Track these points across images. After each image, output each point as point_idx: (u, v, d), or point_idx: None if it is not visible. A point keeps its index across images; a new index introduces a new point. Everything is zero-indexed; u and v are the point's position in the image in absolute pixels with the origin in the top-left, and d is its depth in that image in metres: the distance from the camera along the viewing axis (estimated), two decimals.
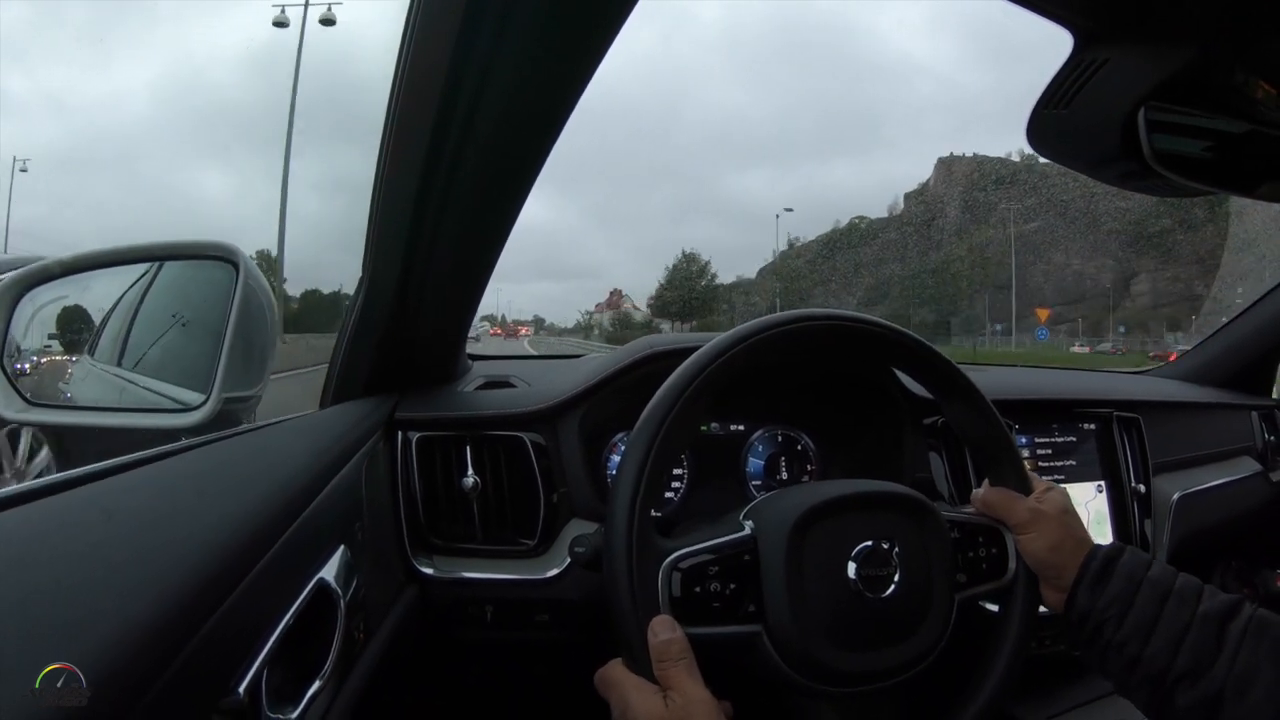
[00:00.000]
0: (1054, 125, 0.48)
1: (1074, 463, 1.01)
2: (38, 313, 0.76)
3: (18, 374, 0.73)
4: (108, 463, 0.50)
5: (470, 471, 0.78)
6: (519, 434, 0.80)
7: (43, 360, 0.86)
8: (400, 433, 0.79)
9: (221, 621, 0.37)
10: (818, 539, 0.54)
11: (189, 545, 0.39)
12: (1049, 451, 1.00)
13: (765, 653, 0.53)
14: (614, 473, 0.76)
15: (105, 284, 0.88)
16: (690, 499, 0.92)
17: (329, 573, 0.54)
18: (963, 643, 0.57)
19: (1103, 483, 1.01)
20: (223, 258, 0.71)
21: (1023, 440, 0.98)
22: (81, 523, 0.42)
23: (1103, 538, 0.58)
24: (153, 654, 0.32)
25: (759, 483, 0.95)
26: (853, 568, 0.54)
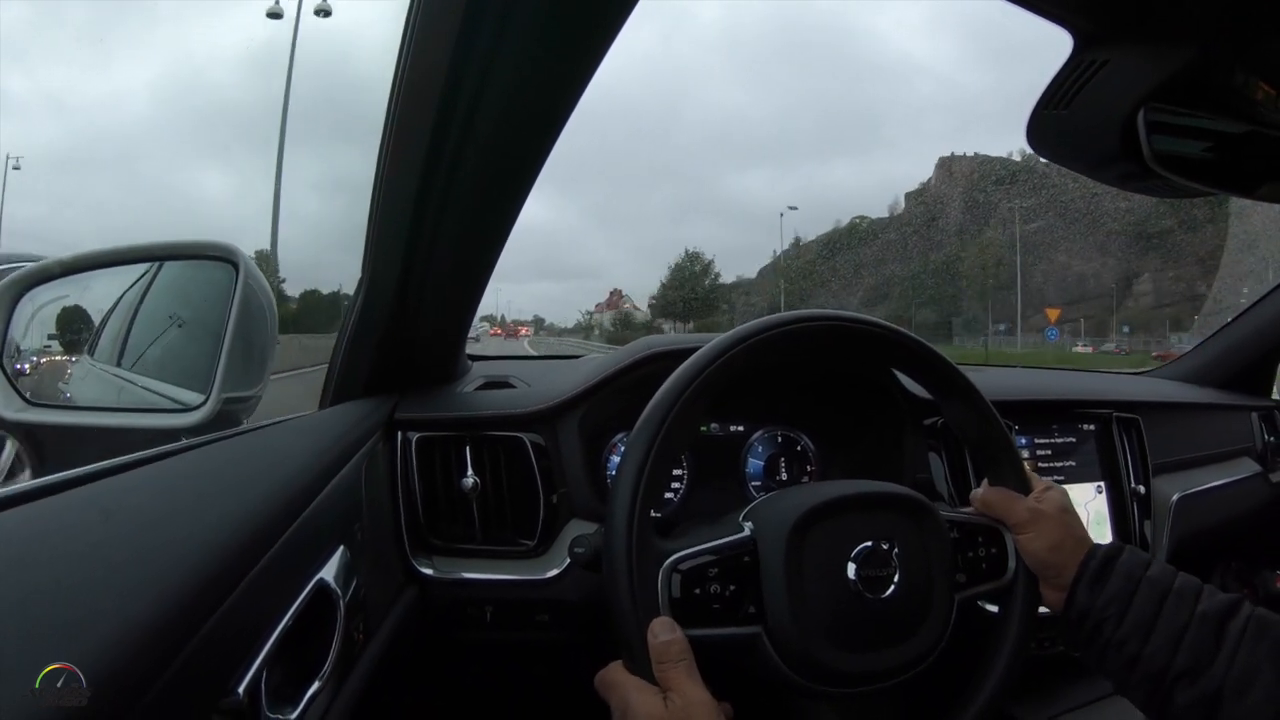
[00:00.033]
0: (1054, 126, 0.48)
1: (1074, 463, 1.01)
2: (37, 312, 0.76)
3: (17, 374, 0.73)
4: (107, 463, 0.50)
5: (470, 472, 0.78)
6: (519, 434, 0.80)
7: (42, 360, 0.86)
8: (400, 433, 0.79)
9: (221, 622, 0.37)
10: (817, 540, 0.54)
11: (189, 545, 0.39)
12: (1049, 452, 1.00)
13: (765, 654, 0.53)
14: (614, 473, 0.76)
15: (105, 284, 0.88)
16: (690, 499, 0.92)
17: (328, 573, 0.54)
18: (962, 643, 0.57)
19: (1102, 483, 1.01)
20: (223, 258, 0.72)
21: (1022, 441, 0.98)
22: (81, 523, 0.42)
23: (1102, 538, 0.58)
24: (152, 654, 0.32)
25: (759, 483, 0.95)
26: (852, 568, 0.54)
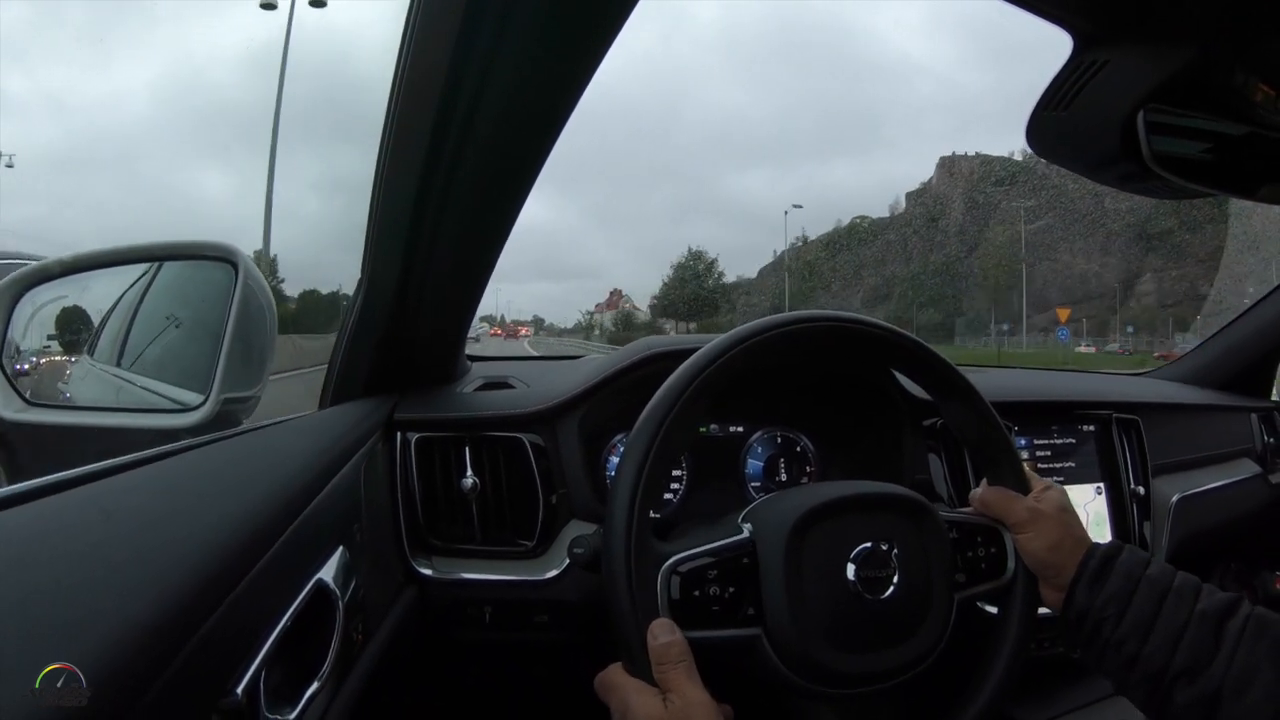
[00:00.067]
0: (1054, 127, 0.48)
1: (1073, 464, 1.01)
2: (37, 313, 0.76)
3: (17, 374, 0.73)
4: (107, 463, 0.50)
5: (469, 472, 0.78)
6: (518, 435, 0.80)
7: (42, 360, 0.86)
8: (399, 433, 0.79)
9: (220, 622, 0.37)
10: (817, 541, 0.54)
11: (188, 545, 0.39)
12: (1048, 453, 1.00)
13: (765, 655, 0.53)
14: (613, 474, 0.76)
15: (105, 284, 0.88)
16: (689, 500, 0.92)
17: (328, 573, 0.53)
18: (962, 644, 0.57)
19: (1102, 484, 1.01)
20: (222, 258, 0.71)
21: (1022, 442, 0.98)
22: (81, 523, 0.42)
23: (1102, 539, 0.58)
24: (152, 654, 0.32)
25: (758, 484, 0.95)
26: (852, 569, 0.54)
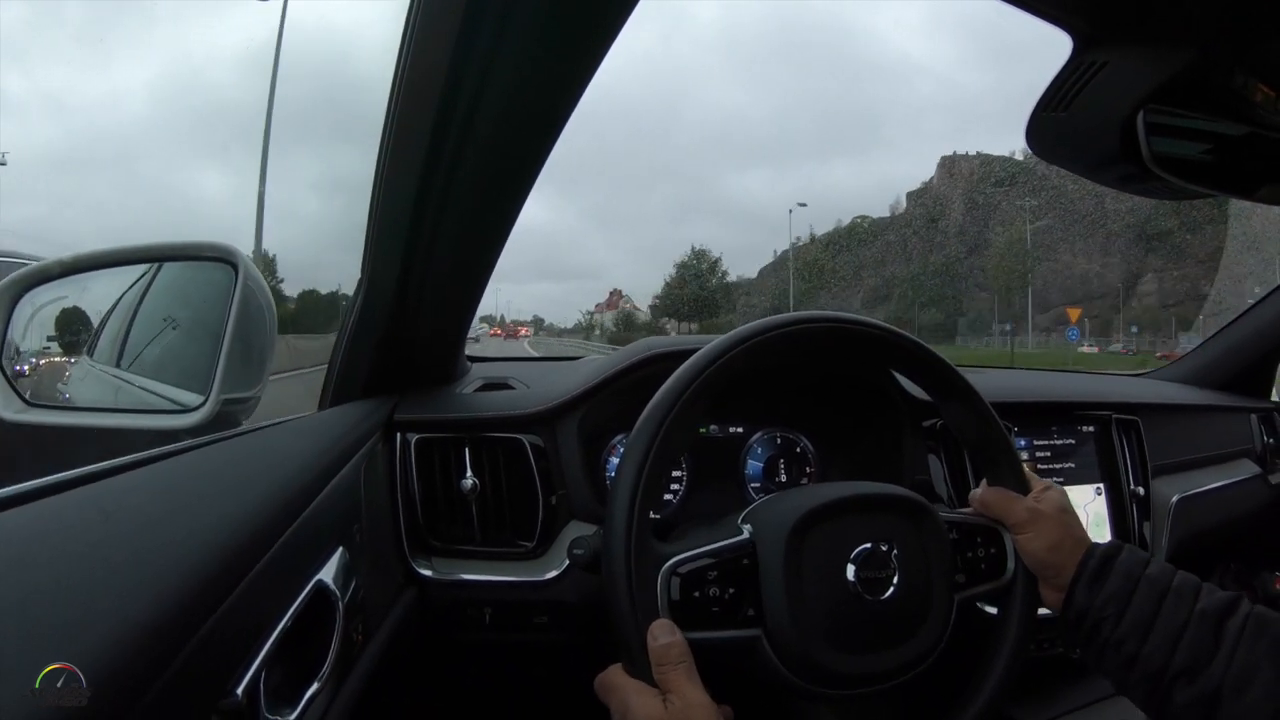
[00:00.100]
0: (1053, 128, 0.48)
1: (1073, 465, 1.01)
2: (37, 313, 0.76)
3: (17, 375, 0.73)
4: (106, 463, 0.50)
5: (469, 473, 0.78)
6: (518, 436, 0.80)
7: (42, 361, 0.86)
8: (399, 434, 0.79)
9: (220, 622, 0.37)
10: (816, 542, 0.54)
11: (188, 546, 0.39)
12: (1048, 454, 1.00)
13: (764, 656, 0.53)
14: (613, 475, 0.76)
15: (104, 285, 0.88)
16: (689, 501, 0.92)
17: (327, 574, 0.53)
18: (962, 644, 0.57)
19: (1102, 485, 1.01)
20: (222, 259, 0.71)
21: (1022, 443, 0.98)
22: (81, 523, 0.42)
23: (1102, 540, 0.58)
24: (152, 654, 0.32)
25: (758, 485, 0.94)
26: (851, 570, 0.54)
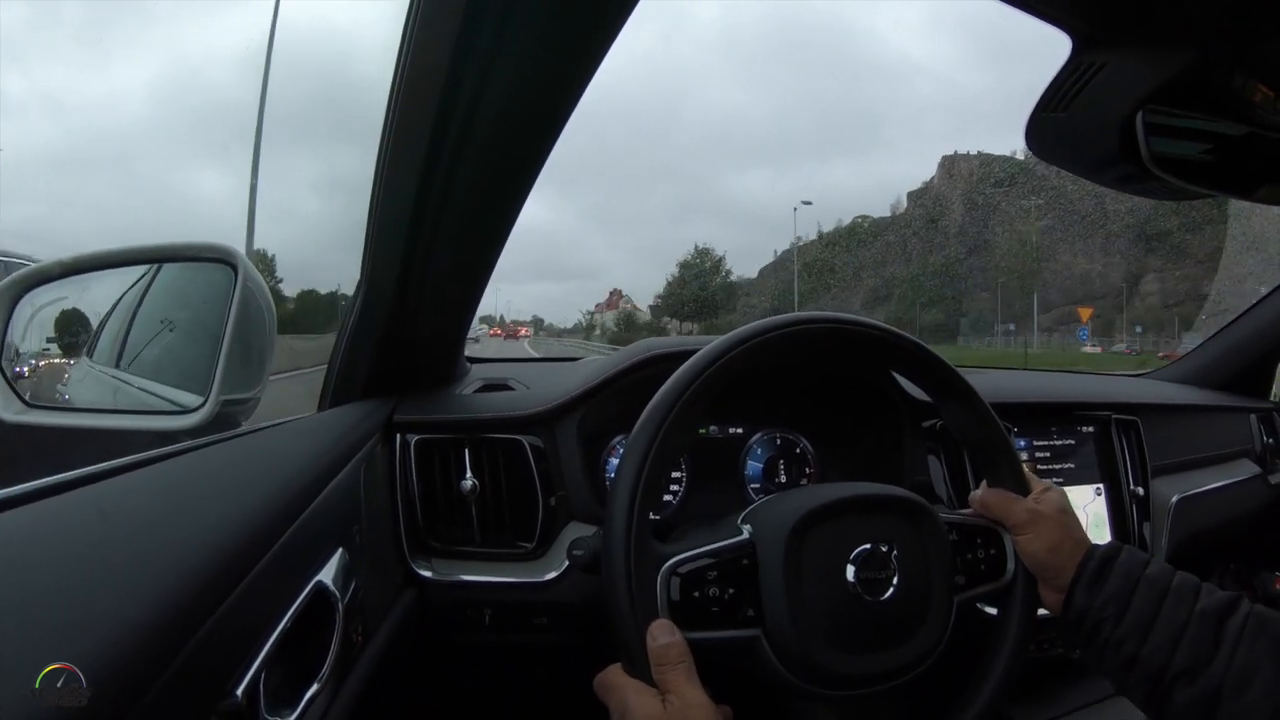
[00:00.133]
0: (1053, 129, 0.48)
1: (1072, 466, 1.01)
2: (36, 314, 0.75)
3: (16, 376, 0.73)
4: (106, 464, 0.50)
5: (469, 474, 0.78)
6: (517, 437, 0.80)
7: (41, 362, 0.86)
8: (399, 435, 0.79)
9: (219, 623, 0.37)
10: (816, 542, 0.54)
11: (187, 547, 0.39)
12: (1047, 454, 1.00)
13: (764, 656, 0.53)
14: (612, 476, 0.76)
15: (104, 286, 0.88)
16: (689, 502, 0.92)
17: (327, 575, 0.53)
18: (961, 645, 0.57)
19: (1101, 485, 1.01)
20: (221, 260, 0.71)
21: (1021, 443, 0.98)
22: (80, 524, 0.42)
23: (1101, 541, 0.58)
24: (151, 655, 0.32)
25: (757, 485, 0.94)
26: (851, 571, 0.54)
